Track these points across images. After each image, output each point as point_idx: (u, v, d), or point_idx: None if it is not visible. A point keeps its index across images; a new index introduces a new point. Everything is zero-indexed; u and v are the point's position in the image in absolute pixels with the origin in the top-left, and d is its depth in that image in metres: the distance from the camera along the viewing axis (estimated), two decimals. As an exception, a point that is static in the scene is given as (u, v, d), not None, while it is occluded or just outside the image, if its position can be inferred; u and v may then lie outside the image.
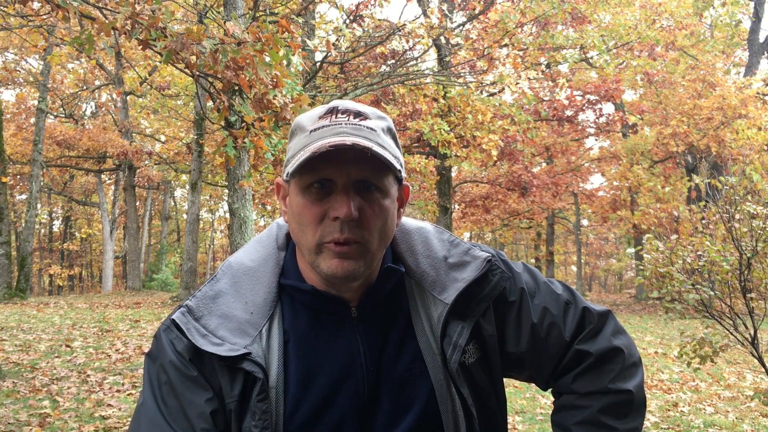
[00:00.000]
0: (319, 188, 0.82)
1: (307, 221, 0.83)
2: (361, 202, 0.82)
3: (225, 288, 0.89)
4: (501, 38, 9.61)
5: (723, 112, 13.08)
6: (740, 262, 3.75)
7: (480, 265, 0.91)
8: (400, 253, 0.94)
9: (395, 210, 0.89)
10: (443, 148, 10.32)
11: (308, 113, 0.89)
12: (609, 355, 0.95)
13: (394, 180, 0.87)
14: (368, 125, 0.84)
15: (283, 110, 4.40)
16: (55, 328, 8.41)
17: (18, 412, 4.37)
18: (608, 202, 18.87)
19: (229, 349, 0.82)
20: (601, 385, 0.93)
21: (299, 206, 0.84)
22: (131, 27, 3.85)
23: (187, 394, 0.83)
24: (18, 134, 18.05)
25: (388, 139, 0.87)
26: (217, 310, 0.87)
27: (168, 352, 0.85)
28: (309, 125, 0.85)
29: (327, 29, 9.60)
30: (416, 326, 0.89)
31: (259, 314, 0.87)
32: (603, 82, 15.84)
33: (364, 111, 0.86)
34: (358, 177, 0.82)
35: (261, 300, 0.88)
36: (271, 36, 4.03)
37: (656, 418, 4.79)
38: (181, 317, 0.86)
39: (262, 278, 0.90)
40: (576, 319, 0.96)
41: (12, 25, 10.87)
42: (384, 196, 0.85)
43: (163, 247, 24.39)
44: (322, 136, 0.82)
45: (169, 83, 16.66)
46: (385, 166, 0.82)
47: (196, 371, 0.83)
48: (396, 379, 0.87)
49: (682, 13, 13.81)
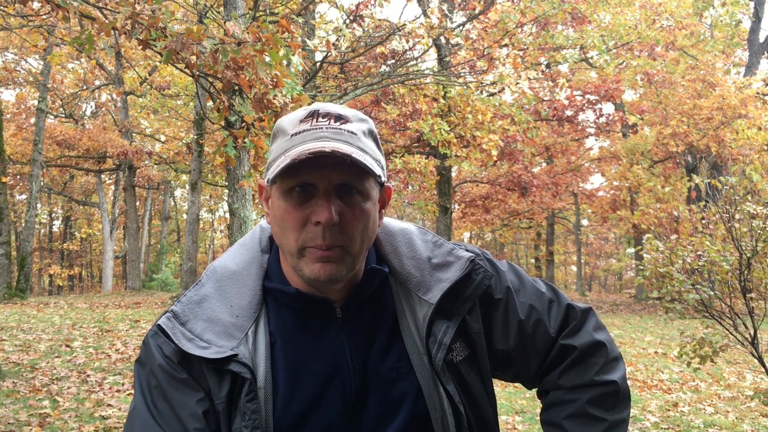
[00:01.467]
0: (300, 192, 0.83)
1: (290, 225, 0.84)
2: (342, 206, 0.83)
3: (210, 292, 0.90)
4: (501, 38, 9.61)
5: (723, 112, 13.07)
6: (740, 262, 3.75)
7: (463, 265, 0.92)
8: (384, 254, 0.95)
9: (376, 212, 0.89)
10: (443, 148, 10.32)
11: (290, 116, 0.89)
12: (593, 349, 0.97)
13: (375, 183, 0.87)
14: (349, 129, 0.84)
15: (283, 110, 4.40)
16: (55, 328, 8.41)
17: (18, 412, 4.37)
18: (608, 202, 18.87)
19: (215, 351, 0.83)
20: (588, 378, 0.95)
21: (281, 210, 0.85)
22: (131, 27, 3.85)
23: (177, 396, 0.83)
24: (18, 134, 18.06)
25: (369, 141, 0.87)
26: (202, 314, 0.87)
27: (156, 356, 0.85)
28: (290, 129, 0.86)
29: (327, 29, 9.60)
30: (402, 326, 0.90)
31: (244, 317, 0.87)
32: (603, 82, 15.85)
33: (344, 114, 0.86)
34: (338, 181, 0.82)
35: (246, 303, 0.89)
36: (271, 36, 4.03)
37: (656, 418, 4.79)
38: (167, 322, 0.87)
39: (246, 281, 0.91)
40: (560, 315, 0.98)
41: (12, 25, 10.88)
42: (365, 199, 0.85)
43: (163, 247, 24.38)
44: (302, 140, 0.82)
45: (169, 83, 16.67)
46: (364, 171, 0.83)
47: (185, 373, 0.84)
48: (383, 379, 0.88)
49: (682, 13, 13.81)
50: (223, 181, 18.47)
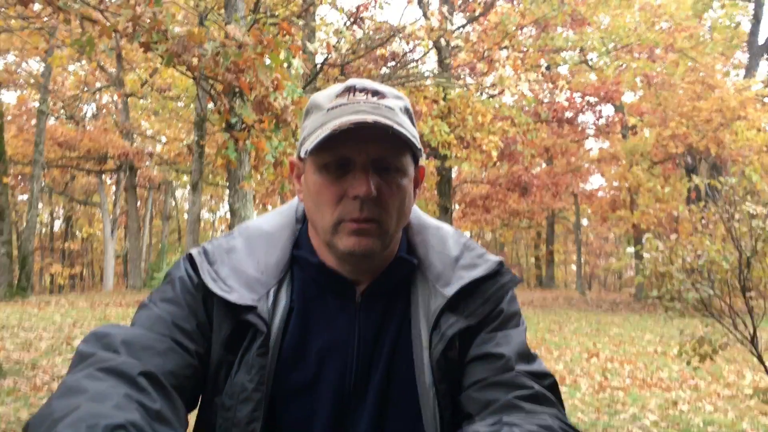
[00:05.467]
0: (337, 167, 0.82)
1: (325, 200, 0.83)
2: (379, 181, 0.82)
3: (239, 245, 0.90)
4: (501, 40, 9.63)
5: (722, 114, 13.09)
6: (740, 261, 3.77)
7: (491, 267, 0.89)
8: (414, 245, 0.93)
9: (412, 190, 0.88)
10: (443, 149, 10.35)
11: (324, 92, 0.88)
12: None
13: (411, 159, 0.87)
14: (387, 104, 0.83)
15: (283, 113, 4.43)
16: (56, 326, 8.43)
17: (19, 411, 4.39)
18: (608, 203, 18.89)
19: (238, 297, 0.83)
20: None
21: (316, 185, 0.84)
22: (132, 30, 3.88)
23: (179, 309, 0.84)
24: (19, 136, 18.08)
25: (406, 118, 0.86)
26: (229, 262, 0.87)
27: (182, 270, 0.88)
28: (326, 103, 0.84)
29: (327, 31, 9.63)
30: (413, 319, 0.88)
31: (269, 275, 0.87)
32: (602, 84, 15.89)
33: (381, 90, 0.86)
34: (376, 156, 0.81)
35: (273, 263, 0.88)
36: (271, 39, 4.05)
37: (655, 416, 4.81)
38: (198, 256, 0.87)
39: (276, 243, 0.91)
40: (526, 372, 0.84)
41: (13, 27, 10.90)
42: (402, 175, 0.84)
43: (164, 246, 24.39)
44: (340, 114, 0.81)
45: (170, 85, 16.70)
46: (404, 144, 0.82)
47: (200, 299, 0.85)
48: (384, 370, 0.86)
49: (682, 15, 13.84)
50: (224, 182, 18.50)
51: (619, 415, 4.85)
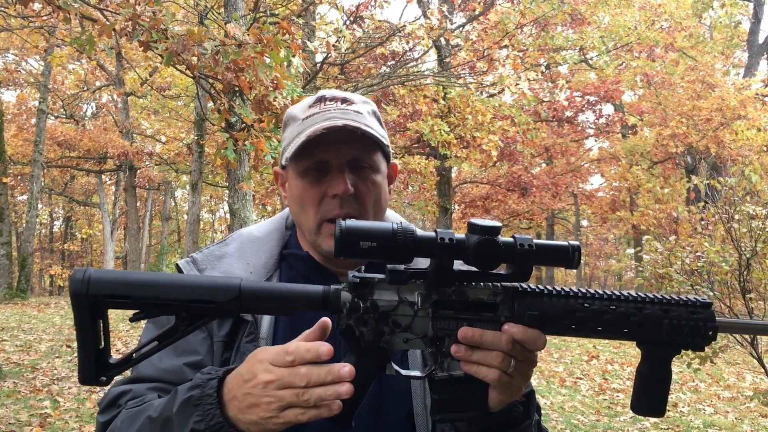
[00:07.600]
0: (316, 170, 0.90)
1: (308, 202, 0.91)
2: (355, 179, 0.90)
3: (231, 252, 0.96)
4: (501, 39, 9.62)
5: (722, 113, 13.08)
6: (739, 262, 3.76)
7: None
8: None
9: (386, 186, 0.97)
10: (443, 149, 10.33)
11: (298, 105, 0.97)
12: None
13: (382, 157, 0.95)
14: (355, 109, 0.92)
15: (283, 112, 4.42)
16: (55, 328, 8.42)
17: (19, 412, 4.37)
18: (608, 203, 18.88)
19: None
20: None
21: (299, 189, 0.92)
22: (132, 29, 3.86)
23: (182, 342, 0.89)
24: (19, 135, 18.06)
25: (373, 120, 0.95)
26: (219, 267, 0.94)
27: None
28: (300, 114, 0.94)
29: (327, 30, 9.61)
30: None
31: (258, 275, 0.93)
32: (602, 83, 15.86)
33: (349, 97, 0.95)
34: (350, 156, 0.90)
35: (261, 263, 0.95)
36: (271, 38, 4.04)
37: (656, 418, 4.80)
38: (186, 265, 0.94)
39: (265, 246, 0.98)
40: None
41: (13, 26, 10.89)
42: (375, 172, 0.93)
43: (163, 247, 24.36)
44: (313, 122, 0.89)
45: (169, 84, 16.67)
46: (373, 143, 0.90)
47: None
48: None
49: (682, 14, 13.83)
50: (223, 182, 18.48)
51: (619, 417, 4.84)
